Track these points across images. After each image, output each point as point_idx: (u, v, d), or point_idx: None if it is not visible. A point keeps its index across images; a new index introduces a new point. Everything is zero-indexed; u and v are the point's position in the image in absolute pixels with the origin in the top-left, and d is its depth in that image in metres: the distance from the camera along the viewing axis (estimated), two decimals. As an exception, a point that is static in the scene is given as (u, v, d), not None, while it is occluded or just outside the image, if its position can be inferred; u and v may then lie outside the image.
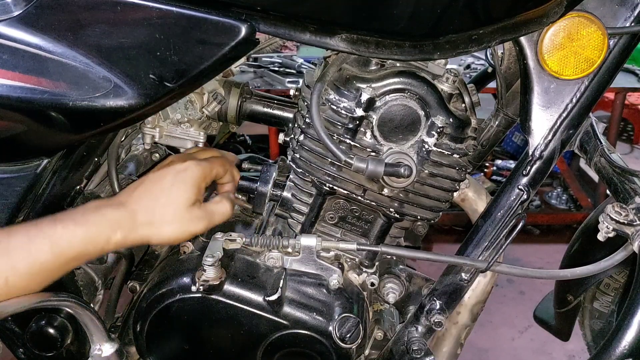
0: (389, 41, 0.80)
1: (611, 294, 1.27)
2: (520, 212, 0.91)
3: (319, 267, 0.96)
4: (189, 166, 0.86)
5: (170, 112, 1.03)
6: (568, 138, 0.91)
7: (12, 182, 0.85)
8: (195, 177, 0.86)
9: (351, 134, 0.88)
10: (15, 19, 0.75)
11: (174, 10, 0.74)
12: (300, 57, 3.11)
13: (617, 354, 0.78)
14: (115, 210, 0.81)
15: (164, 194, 0.84)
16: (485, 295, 1.04)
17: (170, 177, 0.85)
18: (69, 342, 1.00)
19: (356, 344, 0.92)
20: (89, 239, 0.78)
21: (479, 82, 1.34)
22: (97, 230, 0.78)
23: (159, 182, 0.85)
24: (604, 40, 0.85)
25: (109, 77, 0.76)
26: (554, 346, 2.28)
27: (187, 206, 0.84)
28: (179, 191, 0.84)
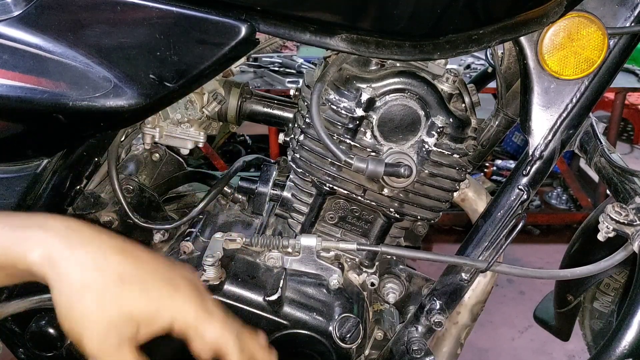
0: (389, 41, 0.80)
1: (611, 294, 1.27)
2: (520, 212, 0.91)
3: (319, 267, 0.96)
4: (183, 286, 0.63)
5: (170, 112, 1.03)
6: (568, 138, 0.91)
7: (12, 182, 0.85)
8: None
9: (351, 134, 0.88)
10: (15, 19, 0.75)
11: (174, 10, 0.74)
12: (300, 57, 3.11)
13: (617, 354, 0.78)
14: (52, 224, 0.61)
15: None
16: (485, 295, 1.04)
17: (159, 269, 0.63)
18: (69, 342, 1.00)
19: (356, 344, 0.92)
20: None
21: (479, 82, 1.34)
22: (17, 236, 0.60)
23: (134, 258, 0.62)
24: (604, 40, 0.85)
25: (109, 77, 0.76)
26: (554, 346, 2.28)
27: (114, 322, 0.60)
28: (133, 292, 0.60)
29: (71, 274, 0.59)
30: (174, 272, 0.65)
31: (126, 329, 0.60)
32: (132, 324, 0.60)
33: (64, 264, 0.59)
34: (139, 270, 0.62)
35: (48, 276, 0.59)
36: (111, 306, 0.59)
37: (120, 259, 0.61)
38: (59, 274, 0.59)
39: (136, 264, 0.62)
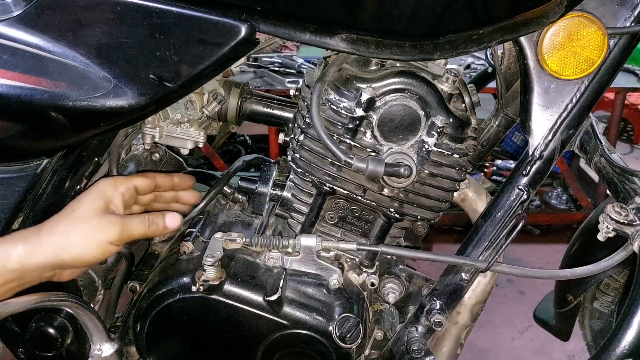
0: (389, 41, 0.80)
1: (611, 294, 1.27)
2: (520, 212, 0.91)
3: (319, 267, 0.96)
4: (97, 182, 0.86)
5: (170, 112, 1.03)
6: (568, 138, 0.91)
7: (12, 182, 0.85)
8: (100, 187, 0.85)
9: (351, 134, 0.88)
10: (15, 19, 0.75)
11: (174, 10, 0.74)
12: (300, 57, 3.11)
13: (617, 354, 0.78)
14: (21, 231, 0.81)
15: (69, 208, 0.83)
16: (485, 295, 1.04)
17: (81, 195, 0.85)
18: (69, 342, 1.01)
19: (356, 344, 0.92)
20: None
21: (479, 82, 1.34)
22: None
23: (70, 203, 0.84)
24: (604, 40, 0.85)
25: (109, 77, 0.76)
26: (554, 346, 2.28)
27: (93, 211, 0.81)
28: (84, 201, 0.83)
29: (58, 245, 0.81)
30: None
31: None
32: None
33: (45, 243, 0.80)
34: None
35: (45, 261, 0.80)
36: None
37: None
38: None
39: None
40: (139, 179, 0.91)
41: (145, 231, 0.87)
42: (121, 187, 0.87)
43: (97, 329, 0.89)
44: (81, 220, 0.81)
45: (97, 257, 0.82)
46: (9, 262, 0.77)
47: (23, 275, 0.79)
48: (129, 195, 0.88)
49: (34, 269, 0.79)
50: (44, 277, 0.83)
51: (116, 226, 0.82)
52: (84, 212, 0.82)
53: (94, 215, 0.82)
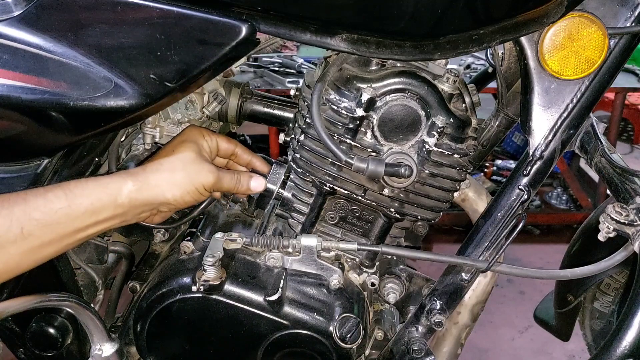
0: (389, 41, 0.80)
1: (611, 294, 1.27)
2: (521, 212, 0.91)
3: (320, 267, 0.96)
4: (186, 129, 0.93)
5: (170, 112, 1.03)
6: (568, 138, 0.91)
7: (12, 182, 0.85)
8: (192, 134, 0.91)
9: (352, 134, 0.88)
10: (15, 18, 0.75)
11: (174, 10, 0.74)
12: (301, 57, 3.11)
13: (618, 354, 0.78)
14: (126, 170, 0.86)
15: (168, 149, 0.89)
16: (486, 295, 1.04)
17: (176, 139, 0.91)
18: (69, 342, 1.01)
19: (356, 344, 0.92)
20: (100, 187, 0.79)
21: (480, 82, 1.34)
22: (108, 180, 0.81)
23: (166, 146, 0.91)
24: (604, 40, 0.85)
25: (110, 77, 0.76)
26: (554, 346, 2.28)
27: (192, 156, 0.87)
28: (181, 145, 0.88)
29: (161, 181, 0.86)
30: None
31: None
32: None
33: (151, 178, 0.85)
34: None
35: (150, 196, 0.85)
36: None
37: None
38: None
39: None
40: (223, 139, 0.95)
41: (233, 187, 0.93)
42: (207, 138, 0.92)
43: (98, 328, 0.89)
44: (183, 162, 0.86)
45: (192, 200, 0.88)
46: (120, 196, 0.81)
47: (128, 211, 0.83)
48: (213, 148, 0.93)
49: (140, 205, 0.83)
50: (142, 217, 0.88)
51: (213, 173, 0.88)
52: (185, 155, 0.87)
53: (194, 159, 0.87)
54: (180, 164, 0.86)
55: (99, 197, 0.79)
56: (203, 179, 0.86)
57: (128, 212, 0.83)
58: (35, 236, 0.74)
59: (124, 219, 0.84)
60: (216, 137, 0.94)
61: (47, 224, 0.75)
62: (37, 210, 0.74)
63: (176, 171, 0.85)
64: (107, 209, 0.80)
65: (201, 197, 0.88)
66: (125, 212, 0.82)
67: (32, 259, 0.76)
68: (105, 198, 0.79)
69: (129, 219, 0.85)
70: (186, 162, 0.86)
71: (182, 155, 0.87)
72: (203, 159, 0.88)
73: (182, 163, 0.86)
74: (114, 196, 0.80)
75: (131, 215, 0.84)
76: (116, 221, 0.83)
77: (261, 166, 1.01)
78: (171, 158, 0.86)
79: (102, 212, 0.80)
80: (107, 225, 0.82)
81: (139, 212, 0.85)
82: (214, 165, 0.89)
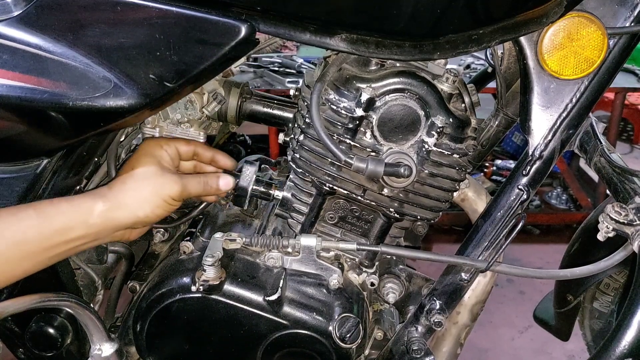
0: (389, 41, 0.80)
1: (611, 293, 1.27)
2: (520, 212, 0.91)
3: (319, 267, 0.96)
4: (142, 144, 0.93)
5: (170, 112, 1.03)
6: (568, 138, 0.91)
7: (12, 183, 0.85)
8: (149, 147, 0.91)
9: (351, 134, 0.88)
10: (15, 18, 0.75)
11: (173, 10, 0.74)
12: (300, 57, 3.11)
13: (617, 354, 0.78)
14: (97, 189, 0.87)
15: (127, 167, 0.88)
16: (485, 295, 1.04)
17: (134, 156, 0.90)
18: (69, 342, 1.01)
19: (356, 344, 0.92)
20: (72, 207, 0.80)
21: (479, 82, 1.34)
22: (80, 200, 0.81)
23: (126, 165, 0.90)
24: (603, 40, 0.85)
25: (109, 77, 0.76)
26: (554, 346, 2.28)
27: (153, 169, 0.86)
28: (140, 161, 0.88)
29: (130, 200, 0.86)
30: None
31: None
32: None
33: (119, 198, 0.85)
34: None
35: (121, 217, 0.85)
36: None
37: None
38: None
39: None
40: (180, 142, 0.95)
41: (201, 191, 0.92)
42: (165, 146, 0.92)
43: (97, 329, 0.89)
44: (146, 177, 0.86)
45: (164, 213, 0.88)
46: (91, 217, 0.81)
47: (100, 231, 0.83)
48: (174, 156, 0.93)
49: (112, 226, 0.84)
50: (117, 236, 0.88)
51: (178, 183, 0.87)
52: (146, 170, 0.87)
53: (156, 172, 0.87)
54: (142, 179, 0.86)
55: (70, 217, 0.79)
56: (168, 190, 0.86)
57: (100, 232, 0.83)
58: (3, 255, 0.74)
59: (96, 239, 0.84)
60: (174, 142, 0.94)
61: (16, 242, 0.75)
62: (7, 229, 0.74)
63: (141, 188, 0.85)
64: (78, 228, 0.80)
65: (172, 207, 0.88)
66: (98, 232, 0.83)
67: (1, 278, 0.76)
68: (77, 218, 0.80)
69: (103, 238, 0.85)
70: (148, 176, 0.86)
71: (142, 171, 0.86)
72: (164, 170, 0.88)
73: (144, 178, 0.86)
74: (85, 216, 0.80)
75: (104, 234, 0.84)
76: (88, 240, 0.83)
77: (224, 159, 1.01)
78: (133, 175, 0.86)
79: (73, 231, 0.80)
80: (79, 244, 0.82)
81: (112, 231, 0.85)
82: (176, 174, 0.89)
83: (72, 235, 0.80)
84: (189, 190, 0.89)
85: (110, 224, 0.83)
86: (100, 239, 0.85)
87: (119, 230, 0.86)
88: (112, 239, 0.88)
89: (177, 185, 0.87)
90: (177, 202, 0.89)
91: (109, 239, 0.87)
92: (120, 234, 0.88)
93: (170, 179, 0.87)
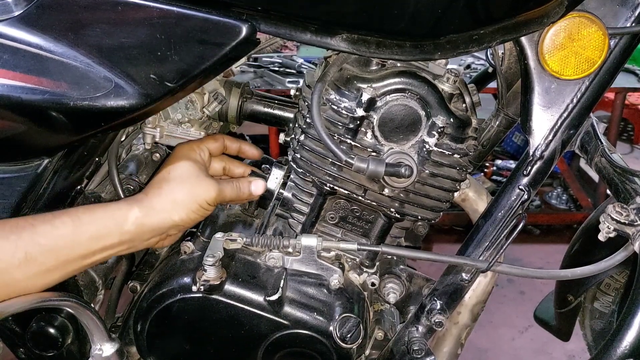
0: (389, 41, 0.80)
1: (612, 294, 1.27)
2: (521, 212, 0.91)
3: (320, 267, 0.96)
4: (176, 149, 0.93)
5: (171, 112, 1.03)
6: (569, 138, 0.91)
7: (12, 182, 0.85)
8: (183, 152, 0.90)
9: (352, 134, 0.88)
10: (15, 18, 0.75)
11: (174, 10, 0.74)
12: (301, 57, 3.11)
13: (618, 354, 0.78)
14: (133, 196, 0.86)
15: (164, 172, 0.88)
16: (486, 295, 1.04)
17: (168, 161, 0.90)
18: (69, 342, 1.00)
19: (357, 344, 0.92)
20: (107, 214, 0.80)
21: (480, 82, 1.34)
22: (115, 207, 0.81)
23: (161, 170, 0.89)
24: (604, 40, 0.85)
25: (110, 77, 0.76)
26: (554, 346, 2.28)
27: (189, 173, 0.86)
28: (176, 165, 0.88)
29: (166, 204, 0.86)
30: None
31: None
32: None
33: (155, 203, 0.85)
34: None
35: (158, 221, 0.85)
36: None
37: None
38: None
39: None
40: (210, 141, 0.96)
41: (235, 196, 0.92)
42: (197, 149, 0.92)
43: (98, 328, 0.89)
44: (182, 181, 0.86)
45: (199, 217, 0.88)
46: (127, 223, 0.81)
47: (135, 238, 0.83)
48: (206, 157, 0.93)
49: (148, 231, 0.83)
50: (152, 242, 0.87)
51: (214, 187, 0.87)
52: (182, 175, 0.86)
53: (191, 177, 0.86)
54: (179, 184, 0.85)
55: (105, 224, 0.79)
56: (205, 194, 0.86)
57: (135, 239, 0.83)
58: (39, 261, 0.74)
59: (131, 246, 0.84)
60: (204, 143, 0.94)
61: (51, 249, 0.75)
62: (43, 236, 0.75)
63: (177, 193, 0.85)
64: (112, 235, 0.80)
65: (207, 212, 0.88)
66: (132, 239, 0.83)
67: (38, 283, 0.77)
68: (112, 225, 0.80)
69: (137, 245, 0.85)
70: (184, 181, 0.86)
71: (178, 176, 0.86)
72: (200, 174, 0.88)
73: (180, 183, 0.85)
74: (120, 223, 0.80)
75: (139, 241, 0.84)
76: (123, 247, 0.83)
77: (251, 150, 1.02)
78: (169, 180, 0.86)
79: (108, 238, 0.80)
80: (113, 251, 0.82)
81: (147, 237, 0.85)
82: (213, 180, 0.89)
83: (107, 242, 0.80)
84: (224, 195, 0.89)
85: (146, 229, 0.83)
86: (135, 246, 0.85)
87: (155, 236, 0.86)
88: (146, 245, 0.87)
89: (214, 190, 0.87)
90: (212, 207, 0.89)
91: (143, 246, 0.86)
92: (154, 240, 0.87)
93: (207, 183, 0.87)
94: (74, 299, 0.87)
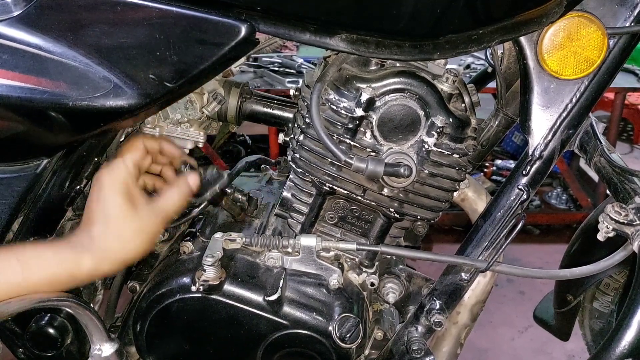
0: (389, 41, 0.80)
1: (611, 293, 1.27)
2: (520, 212, 0.91)
3: (319, 267, 0.96)
4: (101, 173, 0.82)
5: (170, 112, 1.03)
6: (568, 138, 0.91)
7: (12, 182, 0.85)
8: (109, 175, 0.81)
9: (351, 134, 0.88)
10: (15, 18, 0.75)
11: (173, 10, 0.74)
12: (300, 57, 3.11)
13: (617, 353, 0.78)
14: (77, 236, 0.80)
15: (99, 211, 0.80)
16: (485, 295, 1.04)
17: (101, 193, 0.81)
18: (69, 342, 1.00)
19: (356, 344, 0.92)
20: (57, 261, 0.76)
21: (479, 82, 1.34)
22: (65, 255, 0.77)
23: (94, 203, 0.81)
24: (603, 40, 0.85)
25: (109, 77, 0.76)
26: (554, 346, 2.28)
27: (126, 207, 0.79)
28: (109, 200, 0.80)
29: (115, 247, 0.81)
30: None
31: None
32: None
33: (104, 247, 0.80)
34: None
35: (110, 265, 0.81)
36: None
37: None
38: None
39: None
40: (128, 155, 0.85)
41: (179, 201, 0.86)
42: (122, 165, 0.83)
43: (97, 329, 0.89)
44: (123, 217, 0.79)
45: (152, 244, 0.83)
46: (80, 273, 0.77)
47: (90, 279, 0.81)
48: (133, 170, 0.84)
49: (103, 275, 0.84)
50: (109, 275, 0.88)
51: (157, 214, 0.82)
52: (119, 209, 0.79)
53: (130, 210, 0.80)
54: (120, 223, 0.79)
55: (55, 272, 0.76)
56: (151, 226, 0.82)
57: (90, 279, 0.82)
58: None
59: (86, 283, 0.84)
60: (125, 161, 0.84)
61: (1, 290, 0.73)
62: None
63: (122, 231, 0.79)
64: (65, 280, 0.78)
65: (159, 233, 0.84)
66: (86, 280, 0.80)
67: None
68: (63, 274, 0.77)
69: (94, 279, 0.85)
70: (124, 215, 0.79)
71: (117, 212, 0.79)
72: (135, 200, 0.81)
73: (122, 219, 0.79)
74: (71, 272, 0.77)
75: (95, 278, 0.84)
76: (76, 285, 0.80)
77: (171, 148, 0.94)
78: (109, 218, 0.79)
79: (59, 284, 0.78)
80: (70, 287, 0.80)
81: (102, 276, 0.85)
82: (151, 205, 0.83)
83: (61, 284, 0.78)
84: (168, 212, 0.84)
85: (101, 273, 0.80)
86: (94, 279, 0.84)
87: (111, 272, 0.84)
88: (103, 277, 0.87)
89: (158, 217, 0.82)
90: (163, 226, 0.84)
91: (101, 278, 0.85)
92: (112, 273, 0.87)
93: (147, 213, 0.81)
94: (73, 299, 0.87)
